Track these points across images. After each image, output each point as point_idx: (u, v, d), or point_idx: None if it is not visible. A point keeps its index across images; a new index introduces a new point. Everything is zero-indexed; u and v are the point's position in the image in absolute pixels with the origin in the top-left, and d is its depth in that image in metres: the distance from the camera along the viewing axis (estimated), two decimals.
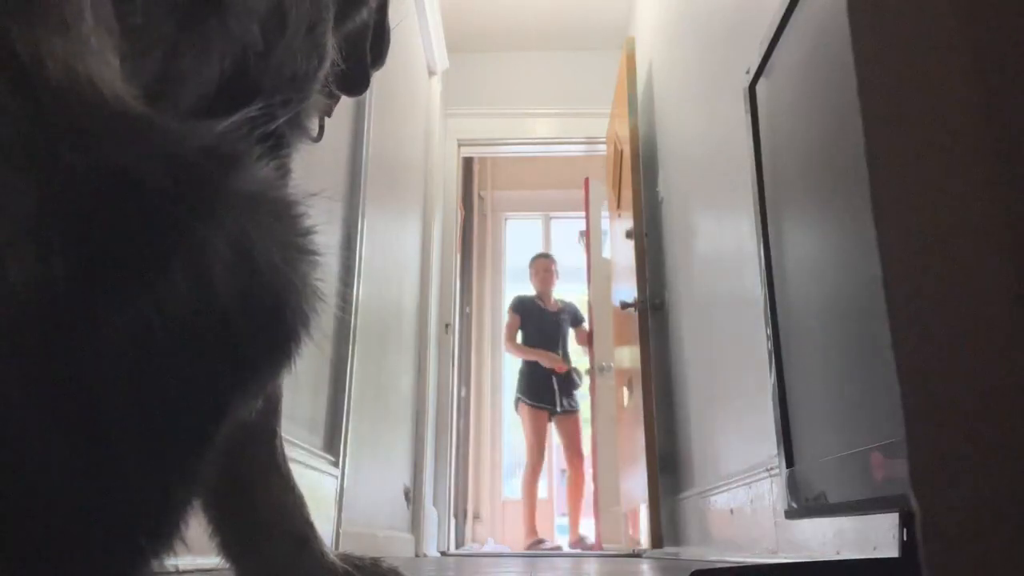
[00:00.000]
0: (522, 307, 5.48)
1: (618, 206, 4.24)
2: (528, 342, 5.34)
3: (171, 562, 0.39)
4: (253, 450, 0.72)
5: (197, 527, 0.42)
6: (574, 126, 5.10)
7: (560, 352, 5.29)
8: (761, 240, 1.24)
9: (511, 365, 6.24)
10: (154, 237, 0.35)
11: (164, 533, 0.38)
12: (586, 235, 5.38)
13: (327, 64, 0.69)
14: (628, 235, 3.85)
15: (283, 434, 0.77)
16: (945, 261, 0.36)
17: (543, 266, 5.64)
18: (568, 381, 5.26)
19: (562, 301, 5.58)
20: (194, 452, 0.38)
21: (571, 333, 5.45)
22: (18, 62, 0.35)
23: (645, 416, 3.48)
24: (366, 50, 0.86)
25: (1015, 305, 0.33)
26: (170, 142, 0.37)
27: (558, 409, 5.12)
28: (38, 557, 0.33)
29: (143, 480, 0.35)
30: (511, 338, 5.40)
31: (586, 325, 5.35)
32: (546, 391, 5.16)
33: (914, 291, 0.37)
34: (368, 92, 2.78)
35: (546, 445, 5.14)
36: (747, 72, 1.32)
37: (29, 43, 0.36)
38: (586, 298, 5.30)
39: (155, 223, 0.35)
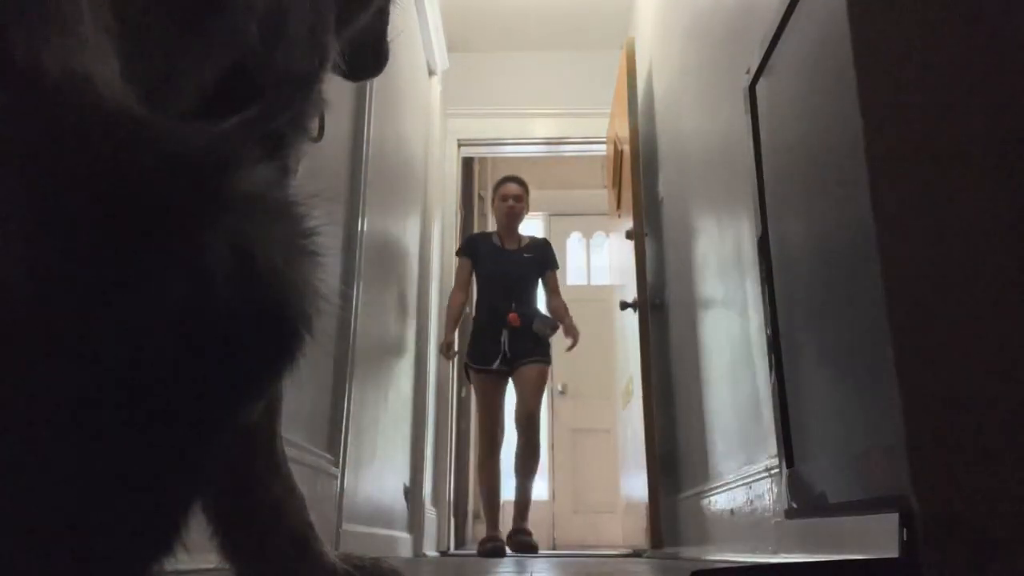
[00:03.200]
0: (472, 247, 4.27)
1: (618, 206, 4.24)
2: (480, 291, 4.21)
3: (171, 563, 0.39)
4: (253, 451, 0.72)
5: (197, 528, 0.42)
6: (574, 126, 5.10)
7: (515, 306, 4.05)
8: (760, 239, 1.24)
9: None
10: (153, 239, 0.34)
11: (165, 536, 0.38)
12: None
13: (328, 65, 0.69)
14: (628, 235, 3.84)
15: (283, 434, 0.77)
16: (945, 260, 0.36)
17: (510, 192, 4.33)
18: (524, 336, 4.01)
19: (532, 238, 4.41)
20: (195, 455, 0.38)
21: (541, 287, 4.28)
22: (16, 62, 0.35)
23: (645, 417, 3.48)
24: (384, 31, 0.85)
25: (1015, 305, 0.33)
26: (169, 143, 0.37)
27: (509, 364, 3.99)
28: (37, 561, 0.33)
29: (143, 483, 0.35)
30: (461, 287, 4.17)
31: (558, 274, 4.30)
32: (492, 347, 3.99)
33: (914, 291, 0.37)
34: (368, 92, 2.77)
35: (502, 414, 4.03)
36: (747, 72, 1.32)
37: (27, 42, 0.36)
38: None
39: (154, 225, 0.35)
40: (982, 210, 0.35)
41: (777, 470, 1.16)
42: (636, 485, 3.68)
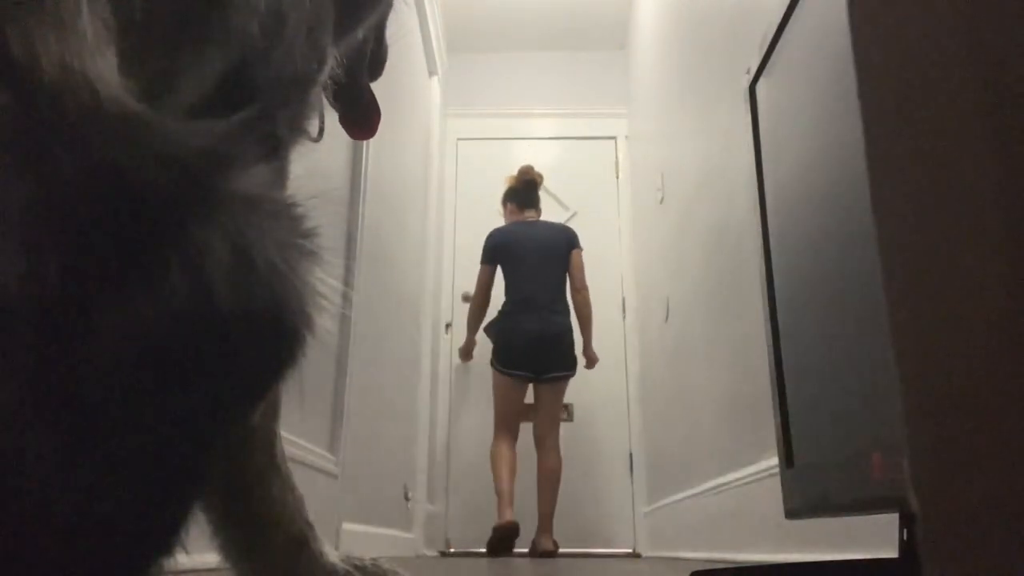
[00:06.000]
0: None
1: None
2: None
3: (171, 564, 0.39)
4: (253, 451, 0.72)
5: (197, 528, 0.42)
6: (574, 126, 5.10)
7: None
8: (761, 240, 1.24)
9: None
10: (150, 239, 0.34)
11: (164, 539, 0.38)
12: None
13: (327, 68, 0.69)
14: None
15: (283, 434, 0.77)
16: (945, 261, 0.36)
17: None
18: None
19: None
20: (195, 456, 0.38)
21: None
22: (11, 59, 0.35)
23: None
24: (363, 72, 0.86)
25: (1015, 305, 0.33)
26: (166, 143, 0.37)
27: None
28: (37, 565, 0.33)
29: (143, 486, 0.35)
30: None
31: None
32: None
33: (914, 291, 0.37)
34: None
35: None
36: (747, 72, 1.32)
37: (23, 39, 0.36)
38: None
39: (150, 225, 0.34)
40: (984, 211, 0.35)
41: (777, 470, 1.16)
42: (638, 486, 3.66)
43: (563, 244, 4.03)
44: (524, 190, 4.20)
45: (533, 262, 3.97)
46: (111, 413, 0.34)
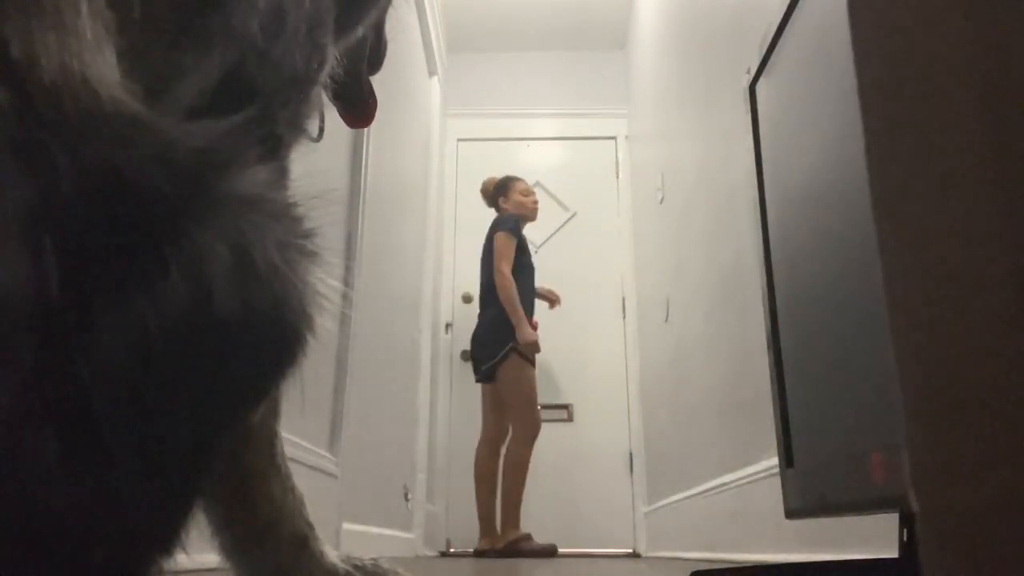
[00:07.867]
0: (519, 230, 3.97)
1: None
2: (520, 284, 3.88)
3: (171, 564, 0.39)
4: (253, 451, 0.72)
5: (197, 528, 0.42)
6: (573, 126, 5.10)
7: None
8: (761, 240, 1.24)
9: None
10: (149, 240, 0.34)
11: (165, 541, 0.38)
12: None
13: (327, 67, 0.69)
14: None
15: (283, 434, 0.77)
16: (945, 261, 0.36)
17: (531, 189, 4.26)
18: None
19: None
20: (196, 459, 0.38)
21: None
22: (10, 59, 0.35)
23: None
24: (362, 68, 0.87)
25: (1015, 305, 0.33)
26: (166, 143, 0.36)
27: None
28: (37, 566, 0.33)
29: (143, 487, 0.35)
30: (509, 269, 3.83)
31: None
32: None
33: (914, 291, 0.37)
34: None
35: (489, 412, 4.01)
36: (747, 72, 1.32)
37: (22, 39, 0.36)
38: None
39: (150, 226, 0.34)
40: (985, 210, 0.35)
41: (777, 470, 1.16)
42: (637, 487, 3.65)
43: (490, 236, 3.95)
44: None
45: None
46: (111, 414, 0.34)
